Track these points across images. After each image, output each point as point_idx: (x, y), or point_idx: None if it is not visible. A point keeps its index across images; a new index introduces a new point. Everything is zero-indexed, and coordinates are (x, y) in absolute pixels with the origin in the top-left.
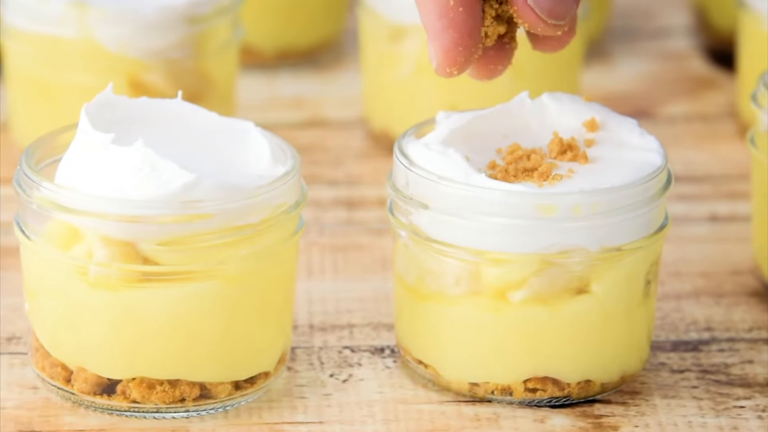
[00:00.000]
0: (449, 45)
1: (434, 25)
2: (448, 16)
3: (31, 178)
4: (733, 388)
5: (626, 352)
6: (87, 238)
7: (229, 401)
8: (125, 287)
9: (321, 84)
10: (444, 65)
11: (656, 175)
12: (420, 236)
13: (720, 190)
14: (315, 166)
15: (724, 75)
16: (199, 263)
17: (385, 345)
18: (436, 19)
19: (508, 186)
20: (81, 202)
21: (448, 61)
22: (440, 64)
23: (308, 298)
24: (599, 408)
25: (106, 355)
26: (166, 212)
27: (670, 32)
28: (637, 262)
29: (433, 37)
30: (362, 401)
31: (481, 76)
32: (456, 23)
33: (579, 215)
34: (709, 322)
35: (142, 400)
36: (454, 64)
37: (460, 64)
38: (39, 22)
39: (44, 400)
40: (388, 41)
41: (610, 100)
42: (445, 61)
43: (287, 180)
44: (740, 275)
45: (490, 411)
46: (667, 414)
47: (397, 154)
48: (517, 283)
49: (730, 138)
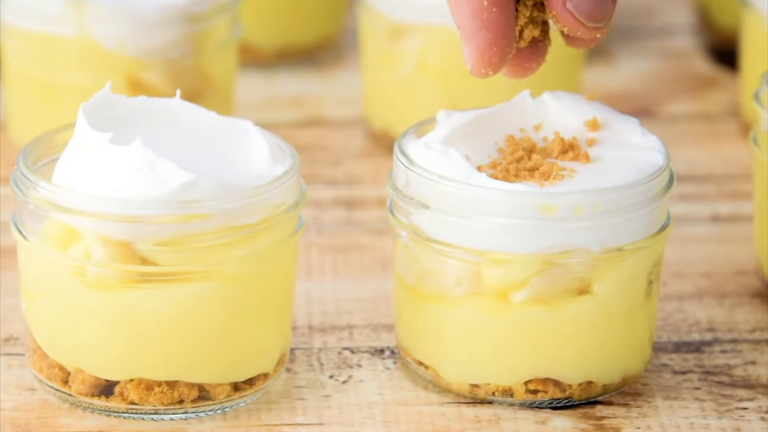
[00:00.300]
0: (484, 46)
1: (468, 26)
2: (482, 16)
3: (28, 178)
4: (735, 390)
5: (628, 353)
6: (85, 239)
7: (227, 402)
8: (123, 288)
9: (320, 83)
10: (479, 66)
11: (658, 174)
12: (420, 236)
13: (722, 190)
14: (314, 166)
15: (727, 74)
16: (198, 264)
17: (385, 346)
18: (470, 19)
19: (509, 186)
20: (78, 202)
21: (483, 62)
22: (475, 65)
23: (307, 298)
24: (601, 409)
25: (104, 356)
26: (164, 212)
27: (672, 31)
28: (639, 263)
29: (468, 37)
30: (362, 403)
31: (515, 74)
32: (490, 23)
33: (580, 215)
34: (712, 323)
35: (140, 402)
36: (489, 64)
37: (495, 65)
38: (36, 21)
39: (41, 402)
40: (388, 40)
41: (612, 99)
42: (480, 62)
43: (286, 180)
44: (743, 276)
45: (490, 412)
46: (670, 416)
47: (397, 153)
48: (518, 283)
49: (733, 137)
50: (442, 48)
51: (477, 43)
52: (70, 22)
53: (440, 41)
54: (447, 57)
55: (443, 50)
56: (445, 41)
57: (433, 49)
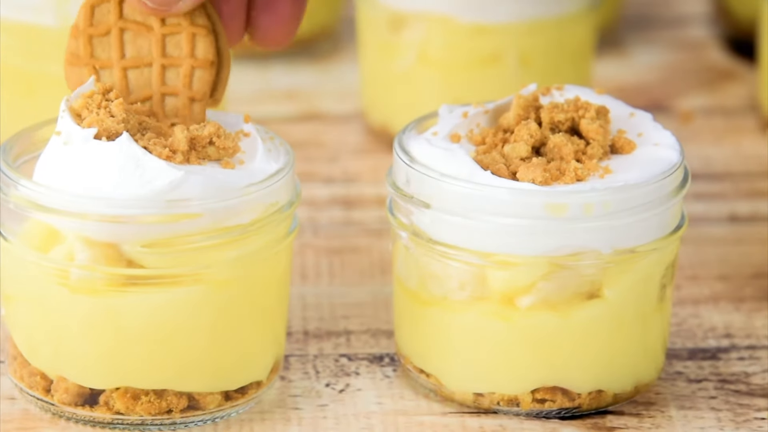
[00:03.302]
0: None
1: None
2: None
3: (8, 176)
4: (753, 399)
5: (640, 361)
6: (67, 240)
7: (218, 412)
8: (108, 292)
9: (316, 75)
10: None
11: (672, 172)
12: (422, 237)
13: (740, 189)
14: (310, 163)
15: (745, 66)
16: (187, 266)
17: (385, 353)
18: None
19: (515, 184)
20: (60, 201)
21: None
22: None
23: (303, 303)
24: (612, 420)
25: (88, 363)
26: (150, 212)
27: (687, 20)
28: (651, 265)
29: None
30: (360, 413)
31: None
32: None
33: (591, 215)
34: (729, 329)
35: (127, 412)
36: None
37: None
38: (16, 10)
39: (22, 412)
40: (388, 30)
41: (624, 93)
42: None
43: (280, 177)
44: (761, 279)
45: (496, 423)
46: (684, 426)
47: (397, 149)
48: (524, 287)
49: (751, 133)
50: (444, 39)
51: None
52: (51, 11)
53: (443, 32)
54: (450, 49)
55: (446, 41)
56: (448, 32)
57: (435, 40)
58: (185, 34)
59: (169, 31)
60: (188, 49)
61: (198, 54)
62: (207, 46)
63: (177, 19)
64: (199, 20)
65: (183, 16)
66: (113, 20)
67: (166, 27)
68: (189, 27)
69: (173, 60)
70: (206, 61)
